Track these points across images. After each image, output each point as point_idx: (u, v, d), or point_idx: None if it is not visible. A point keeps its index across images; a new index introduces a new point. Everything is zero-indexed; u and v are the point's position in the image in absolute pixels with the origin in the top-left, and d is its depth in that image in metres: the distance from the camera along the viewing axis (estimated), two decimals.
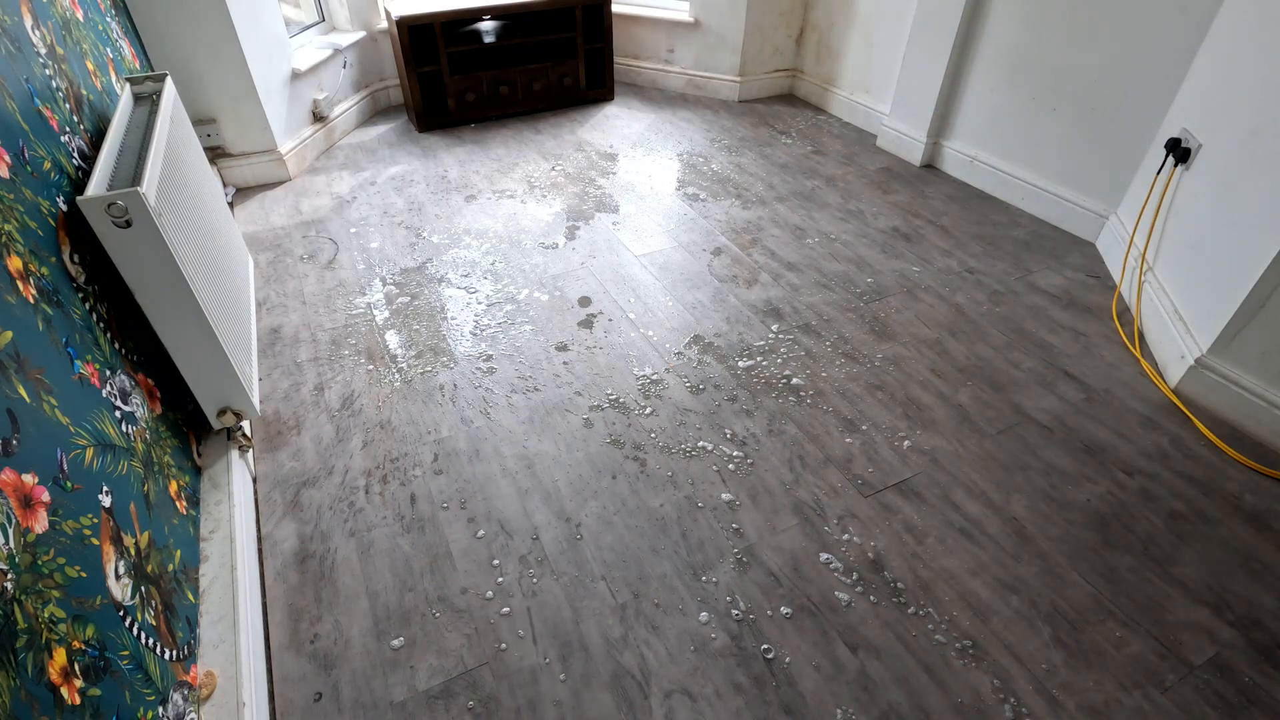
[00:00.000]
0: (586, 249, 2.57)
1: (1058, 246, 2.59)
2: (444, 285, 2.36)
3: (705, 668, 1.28)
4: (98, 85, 1.72)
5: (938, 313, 2.23)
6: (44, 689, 0.73)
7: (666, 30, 3.97)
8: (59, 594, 0.81)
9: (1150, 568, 1.46)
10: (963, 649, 1.31)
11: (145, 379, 1.35)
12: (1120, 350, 2.06)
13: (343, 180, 3.08)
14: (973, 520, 1.56)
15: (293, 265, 2.47)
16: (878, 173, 3.16)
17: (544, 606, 1.39)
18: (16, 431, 0.82)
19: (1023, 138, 2.76)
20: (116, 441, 1.10)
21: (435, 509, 1.58)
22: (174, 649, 1.08)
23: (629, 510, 1.58)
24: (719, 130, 3.60)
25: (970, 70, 2.89)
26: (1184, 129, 2.07)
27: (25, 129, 1.17)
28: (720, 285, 2.37)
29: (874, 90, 3.51)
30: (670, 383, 1.94)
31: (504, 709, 1.22)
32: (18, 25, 1.29)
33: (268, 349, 2.06)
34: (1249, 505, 1.59)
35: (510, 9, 3.46)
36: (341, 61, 3.45)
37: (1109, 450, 1.73)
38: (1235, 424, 1.79)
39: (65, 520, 0.87)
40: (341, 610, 1.38)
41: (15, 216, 1.02)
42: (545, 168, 3.20)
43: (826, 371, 1.99)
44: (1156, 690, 1.25)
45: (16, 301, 0.93)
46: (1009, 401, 1.88)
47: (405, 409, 1.85)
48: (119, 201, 1.19)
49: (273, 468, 1.68)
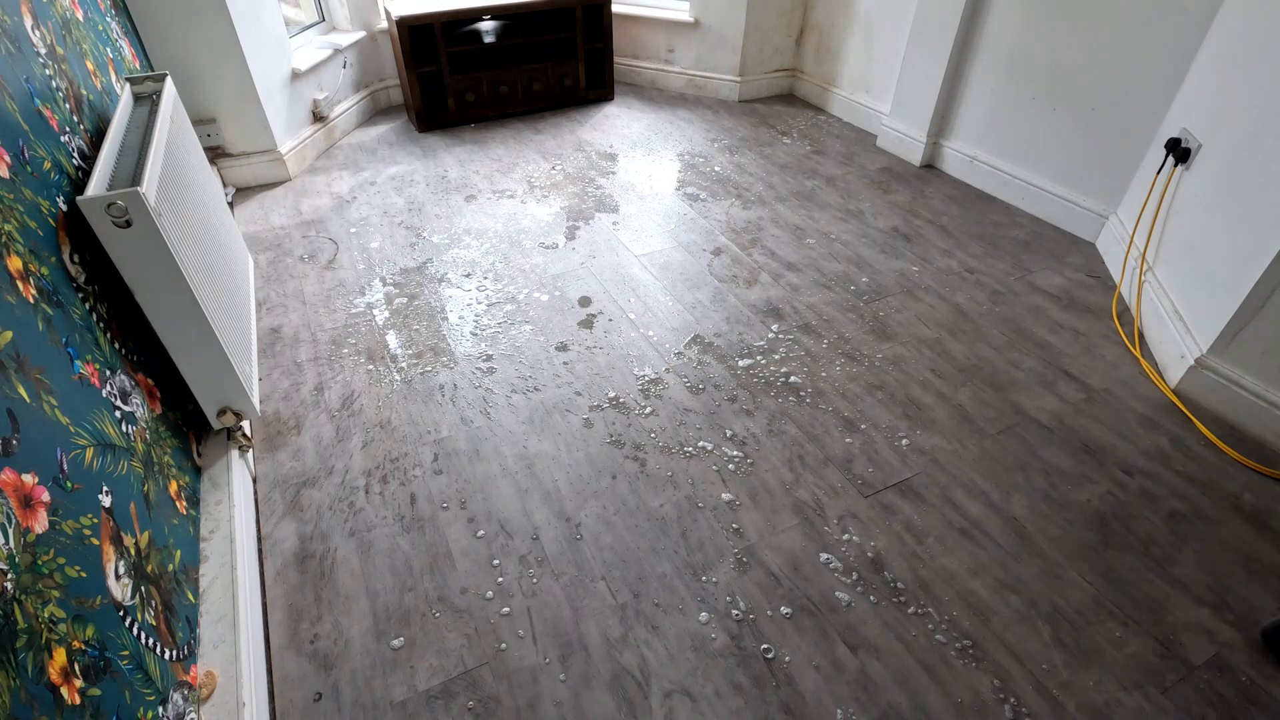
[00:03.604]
0: (586, 249, 2.57)
1: (1058, 246, 2.59)
2: (444, 285, 2.36)
3: (705, 668, 1.28)
4: (98, 85, 1.72)
5: (938, 313, 2.23)
6: (44, 689, 0.73)
7: (666, 30, 3.97)
8: (59, 594, 0.81)
9: (1150, 568, 1.46)
10: (963, 649, 1.31)
11: (145, 379, 1.35)
12: (1120, 350, 2.06)
13: (343, 180, 3.08)
14: (973, 520, 1.56)
15: (293, 265, 2.47)
16: (878, 173, 3.16)
17: (544, 606, 1.39)
18: (16, 431, 0.82)
19: (1023, 138, 2.76)
20: (116, 441, 1.10)
21: (435, 509, 1.58)
22: (174, 649, 1.08)
23: (629, 510, 1.58)
24: (719, 130, 3.60)
25: (970, 70, 2.89)
26: (1184, 129, 2.07)
27: (25, 129, 1.17)
28: (720, 285, 2.37)
29: (874, 90, 3.51)
30: (670, 383, 1.94)
31: (504, 709, 1.22)
32: (18, 25, 1.29)
33: (268, 349, 2.06)
34: (1249, 505, 1.59)
35: (510, 9, 3.46)
36: (341, 61, 3.45)
37: (1109, 450, 1.73)
38: (1235, 424, 1.79)
39: (65, 520, 0.87)
40: (341, 610, 1.37)
41: (15, 216, 1.02)
42: (545, 168, 3.20)
43: (826, 371, 1.99)
44: (1156, 690, 1.25)
45: (16, 301, 0.93)
46: (1009, 401, 1.88)
47: (405, 409, 1.85)
48: (119, 201, 1.19)
49: (273, 468, 1.68)
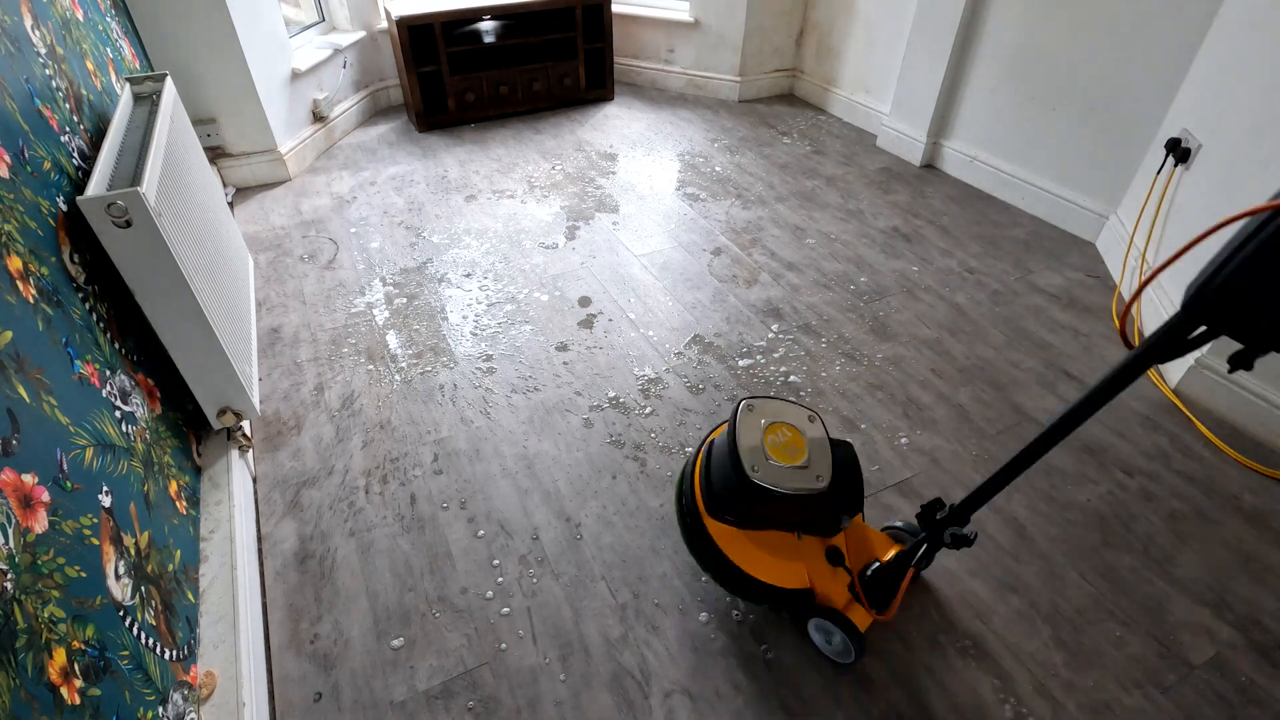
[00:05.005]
0: (586, 249, 2.57)
1: (1058, 246, 2.59)
2: (444, 285, 2.36)
3: (705, 668, 1.28)
4: (98, 85, 1.72)
5: (938, 312, 2.23)
6: (44, 689, 0.73)
7: (666, 30, 3.97)
8: (59, 594, 0.81)
9: (1150, 568, 1.46)
10: (963, 649, 1.31)
11: (145, 379, 1.35)
12: (1120, 350, 2.06)
13: (343, 180, 3.08)
14: (973, 520, 1.56)
15: (293, 265, 2.47)
16: (878, 173, 3.16)
17: (544, 606, 1.39)
18: (16, 431, 0.82)
19: (1023, 137, 2.76)
20: (116, 441, 1.10)
21: (435, 509, 1.58)
22: (174, 649, 1.08)
23: (629, 510, 1.58)
24: (719, 130, 3.60)
25: (970, 70, 2.89)
26: (1184, 129, 2.07)
27: (25, 129, 1.17)
28: (720, 285, 2.37)
29: (874, 90, 3.51)
30: (670, 383, 1.94)
31: (504, 709, 1.22)
32: (18, 25, 1.29)
33: (268, 349, 2.06)
34: (1249, 505, 1.59)
35: (510, 9, 3.46)
36: (341, 61, 3.45)
37: (1109, 450, 1.73)
38: (1235, 424, 1.79)
39: (65, 520, 0.87)
40: (341, 610, 1.38)
41: (15, 216, 1.02)
42: (545, 168, 3.20)
43: (826, 371, 1.99)
44: (1156, 690, 1.25)
45: (16, 301, 0.93)
46: (1009, 401, 1.88)
47: (405, 409, 1.85)
48: (119, 201, 1.19)
49: (273, 468, 1.68)
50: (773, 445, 1.18)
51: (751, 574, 1.24)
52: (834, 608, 1.22)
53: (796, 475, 1.15)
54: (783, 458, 1.17)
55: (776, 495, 1.13)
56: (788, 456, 1.17)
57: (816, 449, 1.19)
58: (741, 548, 1.26)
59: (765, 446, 1.18)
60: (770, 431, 1.20)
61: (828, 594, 1.23)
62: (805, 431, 1.22)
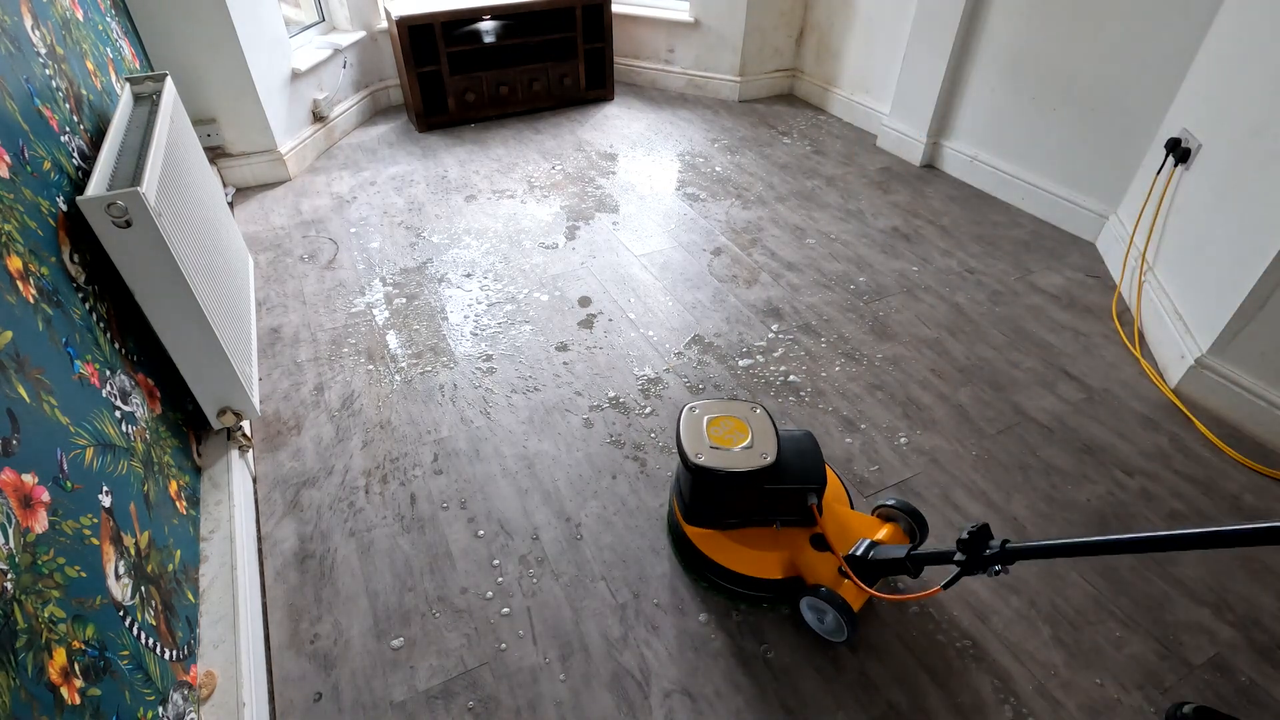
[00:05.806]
0: (586, 249, 2.57)
1: (1058, 246, 2.59)
2: (444, 285, 2.36)
3: (705, 668, 1.28)
4: (98, 85, 1.72)
5: (938, 313, 2.23)
6: (44, 689, 0.73)
7: (666, 30, 3.97)
8: (59, 594, 0.81)
9: (1150, 568, 1.46)
10: (963, 649, 1.31)
11: (145, 379, 1.35)
12: (1120, 350, 2.06)
13: (343, 180, 3.08)
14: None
15: (293, 265, 2.47)
16: (878, 173, 3.16)
17: (544, 606, 1.39)
18: (16, 431, 0.82)
19: (1023, 138, 2.76)
20: (116, 441, 1.10)
21: (435, 509, 1.58)
22: (174, 649, 1.08)
23: (629, 510, 1.58)
24: (719, 130, 3.60)
25: (970, 70, 2.89)
26: (1184, 129, 2.07)
27: (25, 129, 1.17)
28: (720, 285, 2.37)
29: (874, 90, 3.51)
30: (670, 382, 1.94)
31: (504, 709, 1.22)
32: (18, 25, 1.29)
33: (268, 349, 2.06)
34: (1249, 505, 1.59)
35: (510, 9, 3.46)
36: (341, 61, 3.45)
37: (1109, 450, 1.73)
38: (1235, 424, 1.79)
39: (65, 520, 0.87)
40: (341, 610, 1.38)
41: (15, 216, 1.02)
42: (545, 168, 3.20)
43: (826, 371, 1.99)
44: (1156, 690, 1.25)
45: (16, 301, 0.93)
46: (1009, 401, 1.88)
47: (405, 409, 1.85)
48: (119, 201, 1.19)
49: (273, 468, 1.68)
50: (715, 435, 1.25)
51: (736, 570, 1.31)
52: (824, 585, 1.26)
53: (741, 456, 1.21)
54: (726, 443, 1.24)
55: (724, 476, 1.20)
56: (731, 441, 1.24)
57: (760, 431, 1.26)
58: (722, 547, 1.34)
59: (708, 436, 1.25)
60: (713, 424, 1.28)
61: (817, 575, 1.27)
62: (748, 420, 1.29)
